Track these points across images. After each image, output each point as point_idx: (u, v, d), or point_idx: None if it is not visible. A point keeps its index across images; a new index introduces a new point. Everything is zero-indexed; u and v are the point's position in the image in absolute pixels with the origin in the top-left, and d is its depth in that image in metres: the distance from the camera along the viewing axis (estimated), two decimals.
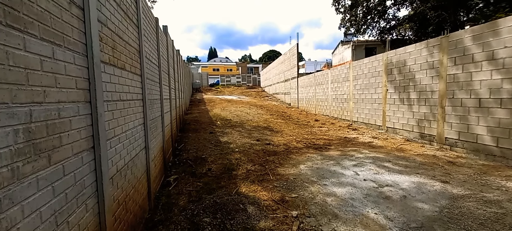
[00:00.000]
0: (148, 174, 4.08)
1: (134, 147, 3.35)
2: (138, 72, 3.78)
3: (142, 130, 3.90)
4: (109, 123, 2.44)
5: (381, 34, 25.37)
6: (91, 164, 2.04)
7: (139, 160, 3.61)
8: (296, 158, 6.72)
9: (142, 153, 3.81)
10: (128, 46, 3.30)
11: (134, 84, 3.52)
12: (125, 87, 3.08)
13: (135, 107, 3.49)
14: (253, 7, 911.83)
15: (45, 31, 1.55)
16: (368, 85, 11.00)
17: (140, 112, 3.83)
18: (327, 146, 7.94)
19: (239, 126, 12.17)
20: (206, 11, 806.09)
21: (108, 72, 2.51)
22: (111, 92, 2.55)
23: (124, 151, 2.91)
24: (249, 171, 5.80)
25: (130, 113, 3.26)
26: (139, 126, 3.71)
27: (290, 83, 24.19)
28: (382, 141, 8.47)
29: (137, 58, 3.78)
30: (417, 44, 8.18)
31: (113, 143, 2.56)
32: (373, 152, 7.10)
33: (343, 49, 35.25)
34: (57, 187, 1.59)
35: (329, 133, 10.39)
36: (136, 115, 3.53)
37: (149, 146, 4.14)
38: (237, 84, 53.86)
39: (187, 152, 7.78)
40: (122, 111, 2.92)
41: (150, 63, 4.89)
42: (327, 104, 15.46)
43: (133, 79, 3.45)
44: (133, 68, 3.51)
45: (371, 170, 5.50)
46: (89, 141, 2.02)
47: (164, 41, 7.25)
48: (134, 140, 3.37)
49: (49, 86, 1.56)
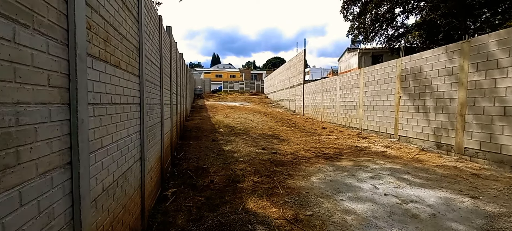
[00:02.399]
0: (142, 189, 3.61)
1: (127, 159, 2.90)
2: (136, 72, 3.35)
3: (138, 139, 3.45)
4: (95, 131, 1.99)
5: (389, 42, 24.99)
6: (65, 186, 1.57)
7: (132, 174, 3.15)
8: (306, 168, 6.24)
9: (136, 166, 3.35)
10: (126, 41, 2.87)
11: (131, 86, 3.08)
12: (119, 88, 2.64)
13: (130, 113, 3.04)
14: (256, 13, 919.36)
15: (2, 2, 1.11)
16: (379, 92, 10.53)
17: (137, 118, 3.39)
18: (338, 156, 7.46)
19: (243, 134, 11.70)
20: (209, 17, 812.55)
21: (97, 69, 2.07)
22: (100, 94, 2.11)
23: (114, 164, 2.46)
24: (255, 183, 5.33)
25: (124, 120, 2.81)
26: (134, 134, 3.26)
27: (295, 90, 23.75)
28: (396, 150, 7.98)
29: (136, 56, 3.34)
30: (435, 50, 7.73)
31: (100, 156, 2.10)
32: (389, 162, 6.61)
33: (350, 57, 34.86)
34: (8, 224, 1.13)
35: (338, 141, 9.90)
36: (131, 122, 3.08)
37: (145, 156, 3.69)
38: (240, 91, 53.43)
39: (187, 161, 7.32)
40: (114, 117, 2.47)
41: (151, 64, 4.47)
42: (334, 112, 14.99)
43: (129, 80, 3.02)
44: (130, 67, 3.07)
45: (391, 183, 5.02)
46: (65, 155, 1.56)
47: (167, 42, 6.85)
48: (127, 150, 2.92)
49: (1, 81, 1.11)
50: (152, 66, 4.53)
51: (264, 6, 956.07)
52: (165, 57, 6.43)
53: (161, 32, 5.59)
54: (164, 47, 6.12)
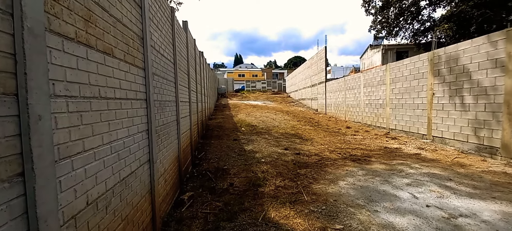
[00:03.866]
0: (152, 195, 3.22)
1: (127, 162, 2.50)
2: (139, 64, 2.95)
3: (144, 139, 3.05)
4: (70, 131, 1.58)
5: (414, 36, 23.46)
6: (13, 206, 1.15)
7: (137, 179, 2.75)
8: (332, 171, 5.66)
9: (142, 170, 2.95)
10: (122, 26, 2.47)
11: (131, 79, 2.68)
12: (113, 80, 2.24)
13: (131, 110, 2.64)
14: (276, 13, 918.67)
15: None
16: (408, 89, 9.66)
17: (142, 116, 2.99)
18: (367, 158, 6.79)
19: (265, 133, 11.22)
20: (230, 18, 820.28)
21: (74, 53, 1.66)
22: (79, 85, 1.70)
23: (106, 171, 2.05)
24: (278, 187, 4.83)
25: (123, 117, 2.41)
26: (139, 133, 2.86)
27: (317, 88, 22.97)
28: (431, 153, 7.16)
29: (138, 46, 2.95)
30: (474, 40, 6.87)
31: (80, 162, 1.69)
32: (426, 166, 5.86)
33: (372, 54, 33.45)
34: None
35: (365, 141, 9.18)
36: (133, 120, 2.68)
37: (154, 158, 3.28)
38: (262, 90, 52.96)
39: (207, 162, 6.95)
40: (106, 114, 2.07)
41: (161, 57, 4.08)
42: (358, 110, 14.17)
43: (129, 72, 2.62)
44: (130, 57, 2.68)
45: (433, 192, 4.30)
46: (11, 164, 1.15)
47: (182, 37, 6.49)
48: (127, 153, 2.51)
49: None
50: (162, 60, 4.14)
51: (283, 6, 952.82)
52: (181, 53, 6.08)
53: (174, 24, 5.22)
54: (178, 42, 5.75)
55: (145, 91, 3.15)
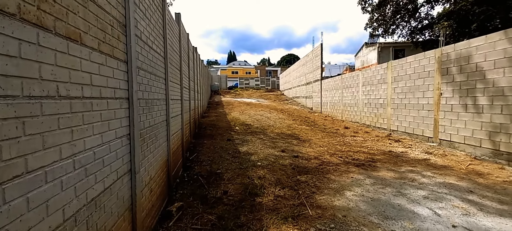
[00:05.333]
0: (133, 211, 2.72)
1: (100, 177, 1.99)
2: (120, 56, 2.44)
3: (125, 145, 2.55)
4: (1, 147, 1.08)
5: (412, 34, 23.26)
6: None
7: (113, 195, 2.25)
8: (336, 179, 5.22)
9: (121, 183, 2.45)
10: (94, 7, 1.96)
11: (108, 74, 2.18)
12: (79, 75, 1.73)
13: (107, 111, 2.14)
14: (268, 11, 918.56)
15: None
16: (412, 89, 9.28)
17: (122, 118, 2.48)
18: (372, 163, 6.36)
19: (260, 133, 10.74)
20: (223, 15, 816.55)
21: (8, 34, 1.16)
22: (17, 79, 1.20)
23: (65, 194, 1.55)
24: (277, 197, 4.37)
25: (93, 121, 1.91)
26: (117, 140, 2.36)
27: (312, 87, 22.58)
28: (441, 158, 6.74)
29: (119, 34, 2.43)
30: (488, 36, 6.47)
31: (19, 189, 1.19)
32: (439, 174, 5.43)
33: (368, 52, 33.15)
34: None
35: (367, 144, 8.76)
36: (109, 123, 2.18)
37: (137, 168, 2.78)
38: (256, 87, 52.48)
39: (199, 164, 6.46)
40: (65, 119, 1.56)
41: (149, 49, 3.57)
42: (356, 110, 13.80)
43: (105, 65, 2.11)
44: (108, 47, 2.17)
45: (456, 208, 3.83)
46: None
47: (175, 30, 5.97)
48: (100, 165, 2.01)
49: None
50: (150, 52, 3.63)
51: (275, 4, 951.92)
52: (172, 46, 5.56)
53: (165, 14, 4.70)
54: (170, 34, 5.23)
55: (127, 89, 2.64)
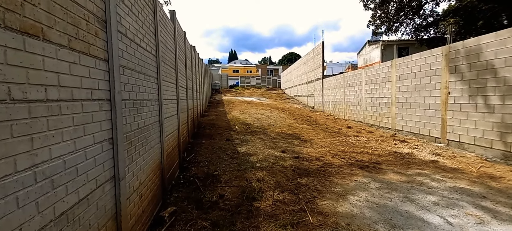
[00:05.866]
0: (117, 221, 2.49)
1: (72, 188, 1.76)
2: (98, 54, 2.21)
3: (107, 150, 2.33)
4: None
5: (416, 32, 22.81)
6: None
7: (91, 206, 2.01)
8: (338, 182, 4.97)
9: (102, 191, 2.22)
10: None
11: (82, 73, 1.95)
12: (41, 75, 1.50)
13: (81, 115, 1.91)
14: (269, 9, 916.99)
15: None
16: (418, 87, 8.99)
17: (103, 121, 2.26)
18: (377, 165, 6.10)
19: (261, 132, 10.51)
20: (224, 15, 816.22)
21: None
22: None
23: (23, 212, 1.31)
24: (276, 202, 4.14)
25: (62, 127, 1.67)
26: (97, 144, 2.13)
27: (313, 85, 22.30)
28: (450, 160, 6.44)
29: (97, 30, 2.20)
30: (498, 33, 6.17)
31: None
32: (449, 178, 5.13)
33: (371, 50, 32.79)
34: None
35: (371, 144, 8.50)
36: (84, 128, 1.95)
37: (120, 174, 2.55)
38: (257, 86, 52.29)
39: (196, 166, 6.25)
40: (20, 126, 1.33)
41: (137, 47, 3.34)
42: (359, 109, 13.52)
43: (78, 64, 1.88)
44: (81, 44, 1.93)
45: (470, 216, 3.54)
46: None
47: (169, 28, 5.74)
48: (74, 174, 1.78)
49: None
50: (139, 51, 3.39)
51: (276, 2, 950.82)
52: (166, 45, 5.33)
53: (157, 11, 4.46)
54: (163, 32, 5.00)
55: (109, 89, 2.41)
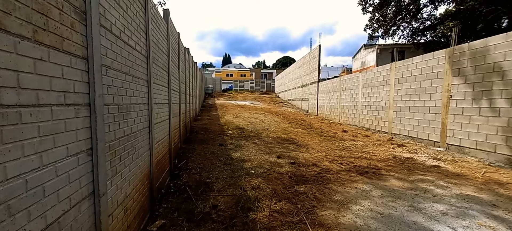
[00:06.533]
0: None
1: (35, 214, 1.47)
2: (74, 50, 1.92)
3: (86, 162, 2.04)
4: None
5: (413, 36, 22.80)
6: None
7: (65, 229, 1.73)
8: (339, 190, 4.72)
9: (77, 211, 1.92)
10: None
11: (53, 73, 1.66)
12: None
13: (50, 123, 1.62)
14: (263, 13, 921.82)
15: None
16: (418, 91, 8.84)
17: (79, 129, 1.97)
18: (376, 170, 5.87)
19: (255, 137, 10.24)
20: (218, 17, 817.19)
21: None
22: None
23: None
24: (273, 213, 3.86)
25: (23, 139, 1.39)
26: (70, 157, 1.84)
27: (308, 89, 22.16)
28: (452, 165, 6.25)
29: (73, 22, 1.91)
30: (508, 34, 5.99)
31: None
32: (454, 184, 4.92)
33: (366, 54, 32.83)
34: None
35: (368, 149, 8.29)
36: (55, 138, 1.67)
37: (101, 189, 2.26)
38: (251, 90, 52.11)
39: (188, 173, 5.95)
40: None
41: (124, 46, 3.05)
42: (355, 113, 13.36)
43: (46, 61, 1.60)
44: (51, 38, 1.65)
45: (483, 227, 3.30)
46: None
47: (162, 27, 5.46)
48: (40, 195, 1.50)
49: None
50: (126, 50, 3.10)
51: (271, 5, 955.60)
52: (158, 45, 5.03)
53: (149, 9, 4.17)
54: (154, 31, 4.71)
55: (88, 92, 2.13)
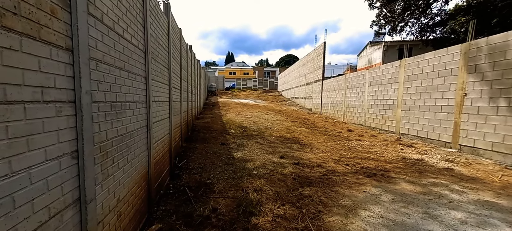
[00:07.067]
0: None
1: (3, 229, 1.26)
2: (56, 39, 1.70)
3: (68, 166, 1.82)
4: None
5: (421, 32, 22.11)
6: None
7: None
8: (345, 193, 4.48)
9: (58, 221, 1.70)
10: None
11: (25, 64, 1.44)
12: None
13: (23, 123, 1.40)
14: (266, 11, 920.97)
15: None
16: (429, 88, 8.53)
17: (62, 129, 1.76)
18: (385, 173, 5.61)
19: (258, 136, 10.01)
20: (221, 16, 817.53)
21: None
22: None
23: None
24: (277, 217, 3.64)
25: None
26: (51, 162, 1.63)
27: (312, 87, 21.87)
28: (466, 168, 5.94)
29: (53, 7, 1.69)
30: None
31: None
32: (470, 189, 4.61)
33: (372, 51, 32.38)
34: None
35: (375, 149, 8.02)
36: (29, 141, 1.45)
37: (88, 195, 2.04)
38: (253, 88, 51.99)
39: (188, 173, 5.75)
40: None
41: (119, 39, 2.83)
42: (361, 112, 13.08)
43: (14, 50, 1.38)
44: (25, 23, 1.43)
45: None
46: None
47: (162, 22, 5.23)
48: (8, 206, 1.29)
49: None
50: (120, 42, 2.88)
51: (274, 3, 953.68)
52: (158, 39, 4.81)
53: (147, 0, 3.95)
54: (153, 24, 4.48)
55: (73, 88, 1.91)
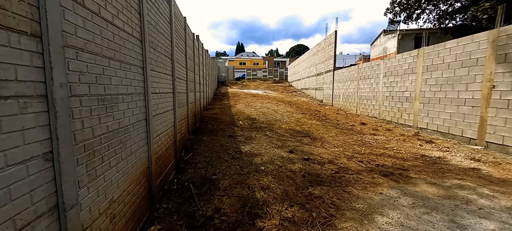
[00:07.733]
0: None
1: None
2: (16, 24, 1.41)
3: (40, 171, 1.55)
4: None
5: (440, 20, 20.93)
6: None
7: None
8: (360, 194, 4.12)
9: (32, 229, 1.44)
10: None
11: None
12: None
13: None
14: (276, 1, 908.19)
15: None
16: (451, 80, 7.94)
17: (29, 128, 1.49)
18: (403, 172, 5.18)
19: (266, 128, 9.70)
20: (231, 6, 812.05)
21: None
22: None
23: None
24: (284, 221, 3.34)
25: None
26: (17, 166, 1.34)
27: (323, 78, 21.34)
28: (494, 168, 5.39)
29: None
30: None
31: None
32: (501, 193, 4.12)
33: (386, 40, 31.28)
34: None
35: (391, 145, 7.57)
36: None
37: (68, 201, 1.77)
38: (263, 79, 51.64)
39: (193, 167, 5.51)
40: None
41: (107, 25, 2.53)
42: (375, 104, 12.57)
43: None
44: None
45: None
46: None
47: (163, 9, 4.94)
48: None
49: None
50: (109, 29, 2.58)
51: None
52: (157, 27, 4.51)
53: None
54: (153, 12, 4.18)
55: (44, 81, 1.62)
